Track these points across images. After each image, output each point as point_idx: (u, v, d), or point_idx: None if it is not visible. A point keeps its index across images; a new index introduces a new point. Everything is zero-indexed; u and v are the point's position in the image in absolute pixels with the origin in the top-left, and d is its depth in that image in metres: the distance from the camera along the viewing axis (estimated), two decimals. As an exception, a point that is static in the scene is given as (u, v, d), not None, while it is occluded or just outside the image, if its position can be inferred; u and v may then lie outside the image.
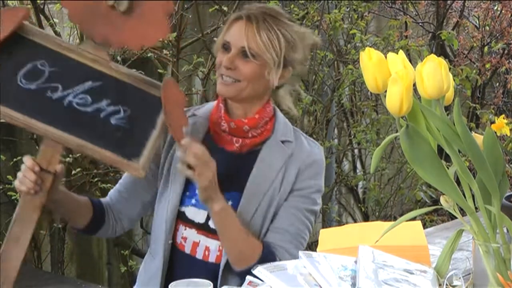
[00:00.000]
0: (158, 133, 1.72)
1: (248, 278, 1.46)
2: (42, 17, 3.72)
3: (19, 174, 1.70)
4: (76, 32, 3.55)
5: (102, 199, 1.99)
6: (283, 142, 1.88)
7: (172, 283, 1.44)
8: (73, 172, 3.66)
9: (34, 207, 1.69)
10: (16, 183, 1.71)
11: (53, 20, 3.76)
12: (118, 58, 3.79)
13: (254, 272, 1.42)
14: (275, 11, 1.88)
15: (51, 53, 1.67)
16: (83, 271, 4.14)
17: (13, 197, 3.61)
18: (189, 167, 1.71)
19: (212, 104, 1.94)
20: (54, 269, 3.99)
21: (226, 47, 1.84)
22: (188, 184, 1.87)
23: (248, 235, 1.80)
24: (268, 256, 1.78)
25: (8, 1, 3.84)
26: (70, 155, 3.70)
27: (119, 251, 4.03)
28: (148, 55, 3.86)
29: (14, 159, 3.75)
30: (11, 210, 3.85)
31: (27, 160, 1.70)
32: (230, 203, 1.84)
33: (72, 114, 1.68)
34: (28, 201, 1.69)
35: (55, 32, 3.76)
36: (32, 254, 3.94)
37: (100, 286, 3.82)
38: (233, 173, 1.86)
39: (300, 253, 1.47)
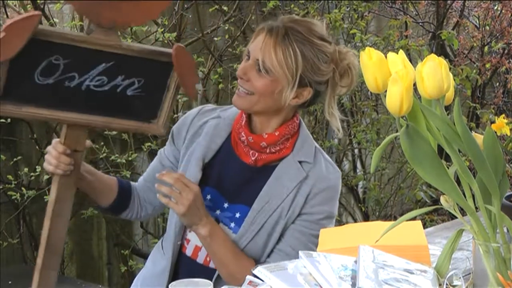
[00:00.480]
0: (171, 94, 1.79)
1: (248, 277, 1.46)
2: (42, 17, 3.71)
3: (50, 159, 1.74)
4: (76, 31, 3.54)
5: (133, 184, 2.03)
6: (300, 162, 1.84)
7: (172, 282, 1.44)
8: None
9: (70, 185, 1.80)
10: (49, 167, 1.75)
11: (53, 20, 3.76)
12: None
13: (254, 272, 1.42)
14: (306, 27, 1.79)
15: (64, 47, 1.71)
16: (83, 271, 4.14)
17: (13, 197, 3.62)
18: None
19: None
20: (54, 269, 3.99)
21: (247, 56, 1.83)
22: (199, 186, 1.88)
23: (238, 258, 1.79)
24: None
25: (9, 1, 3.84)
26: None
27: (119, 251, 4.03)
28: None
29: (14, 159, 3.75)
30: (11, 210, 3.88)
31: (58, 146, 1.75)
32: (238, 215, 1.84)
33: (92, 96, 1.75)
34: (64, 182, 1.79)
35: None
36: (32, 254, 3.94)
37: (100, 286, 3.83)
38: (244, 185, 1.85)
39: (300, 253, 1.47)
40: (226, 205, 1.85)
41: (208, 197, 1.85)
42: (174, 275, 1.88)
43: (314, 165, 1.84)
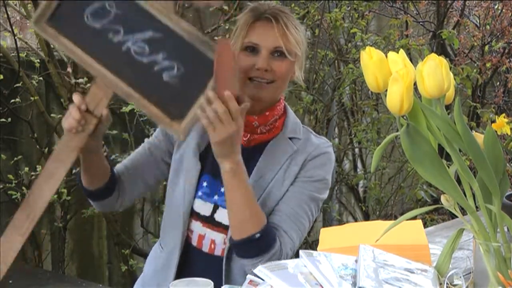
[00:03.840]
0: None
1: (249, 277, 1.46)
2: None
3: (67, 111, 1.71)
4: None
5: (115, 169, 1.97)
6: (291, 138, 1.89)
7: (173, 282, 1.44)
8: (74, 171, 3.66)
9: (72, 146, 1.70)
10: (63, 119, 1.71)
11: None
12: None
13: (255, 271, 1.42)
14: (285, 10, 1.91)
15: None
16: (83, 270, 4.14)
17: (13, 196, 3.62)
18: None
19: None
20: (54, 268, 4.00)
21: (252, 49, 1.84)
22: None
23: (254, 204, 1.77)
24: (269, 232, 1.77)
25: (9, 0, 3.85)
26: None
27: (119, 250, 4.03)
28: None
29: (15, 158, 3.76)
30: (12, 209, 3.88)
31: (76, 97, 1.70)
32: None
33: (128, 61, 1.69)
34: (68, 140, 1.70)
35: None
36: (32, 253, 3.94)
37: (100, 285, 3.83)
38: None
39: (301, 252, 1.47)
40: (222, 189, 1.84)
41: (204, 184, 1.88)
42: (180, 268, 1.87)
43: (304, 140, 1.90)
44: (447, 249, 1.47)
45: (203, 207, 1.88)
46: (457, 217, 1.49)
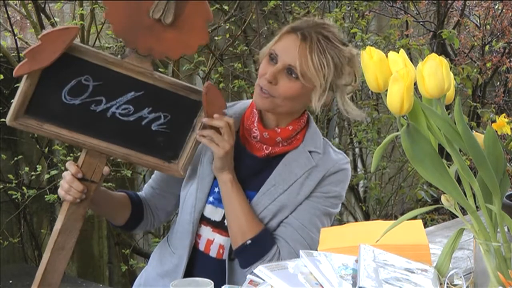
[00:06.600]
0: (196, 135, 1.78)
1: (249, 277, 1.46)
2: (43, 16, 3.72)
3: (63, 183, 1.72)
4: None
5: (140, 194, 2.01)
6: (310, 152, 1.87)
7: (173, 281, 1.44)
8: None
9: (78, 216, 1.75)
10: (61, 192, 1.73)
11: (54, 19, 3.76)
12: (119, 57, 3.79)
13: (255, 271, 1.42)
14: (331, 32, 1.82)
15: (96, 68, 1.68)
16: (84, 270, 4.14)
17: (14, 196, 3.62)
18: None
19: (245, 104, 1.93)
20: (55, 268, 3.98)
21: (273, 57, 1.81)
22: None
23: (250, 214, 1.81)
24: (263, 238, 1.79)
25: (10, 1, 3.84)
26: (71, 154, 3.70)
27: (120, 250, 4.03)
28: (149, 54, 3.86)
29: (15, 158, 3.76)
30: (12, 209, 3.88)
31: (72, 167, 1.73)
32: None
33: (116, 125, 1.72)
34: (73, 211, 1.74)
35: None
36: (33, 253, 3.94)
37: (101, 285, 3.83)
38: (255, 175, 1.87)
39: (301, 252, 1.47)
40: None
41: (216, 189, 1.87)
42: (188, 273, 1.88)
43: (323, 155, 1.88)
44: (448, 249, 1.47)
45: (214, 213, 1.88)
46: (457, 217, 1.49)
